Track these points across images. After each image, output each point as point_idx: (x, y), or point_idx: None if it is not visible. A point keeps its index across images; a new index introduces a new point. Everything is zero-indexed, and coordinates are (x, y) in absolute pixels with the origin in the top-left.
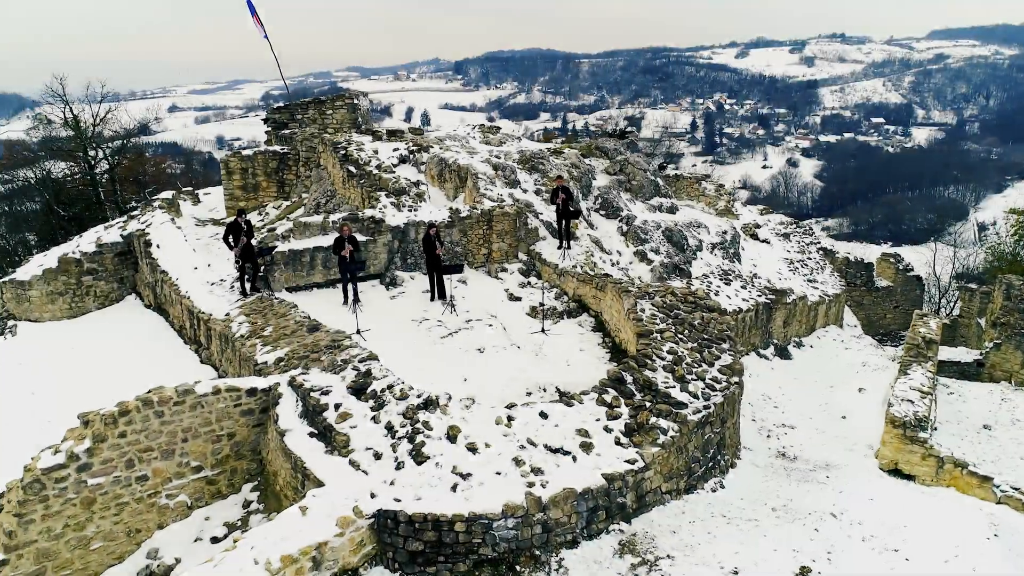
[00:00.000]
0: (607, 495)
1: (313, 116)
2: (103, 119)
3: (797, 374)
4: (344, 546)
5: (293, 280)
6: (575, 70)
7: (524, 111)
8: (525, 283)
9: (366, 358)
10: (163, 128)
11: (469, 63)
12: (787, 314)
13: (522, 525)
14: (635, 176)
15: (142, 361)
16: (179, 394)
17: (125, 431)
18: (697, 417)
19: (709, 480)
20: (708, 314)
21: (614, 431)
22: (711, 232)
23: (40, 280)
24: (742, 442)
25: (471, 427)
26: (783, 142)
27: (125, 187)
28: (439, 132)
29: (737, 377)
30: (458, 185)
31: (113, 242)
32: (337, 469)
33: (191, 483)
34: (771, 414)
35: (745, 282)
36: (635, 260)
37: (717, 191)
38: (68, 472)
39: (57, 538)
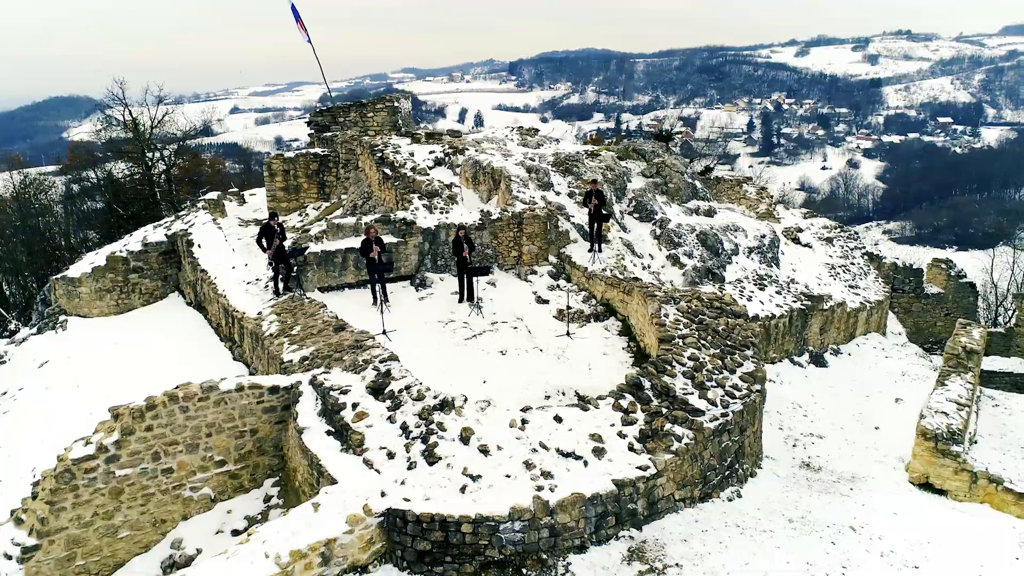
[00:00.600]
0: (617, 501)
1: (354, 119)
2: (160, 121)
3: (832, 382)
4: (353, 543)
5: (325, 280)
6: (630, 70)
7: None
8: (554, 286)
9: (387, 359)
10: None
11: (523, 64)
12: (824, 321)
13: (529, 528)
14: (672, 178)
15: (179, 357)
16: (203, 390)
17: (152, 425)
18: (714, 425)
19: (726, 489)
20: (733, 320)
21: (628, 437)
22: (748, 236)
23: (89, 277)
24: (765, 451)
25: (485, 429)
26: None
27: (181, 187)
28: (477, 134)
29: (759, 385)
30: (491, 187)
31: (158, 241)
32: (351, 467)
33: (214, 477)
34: (800, 423)
35: (780, 287)
36: (668, 264)
37: (758, 194)
38: (97, 463)
39: (86, 526)
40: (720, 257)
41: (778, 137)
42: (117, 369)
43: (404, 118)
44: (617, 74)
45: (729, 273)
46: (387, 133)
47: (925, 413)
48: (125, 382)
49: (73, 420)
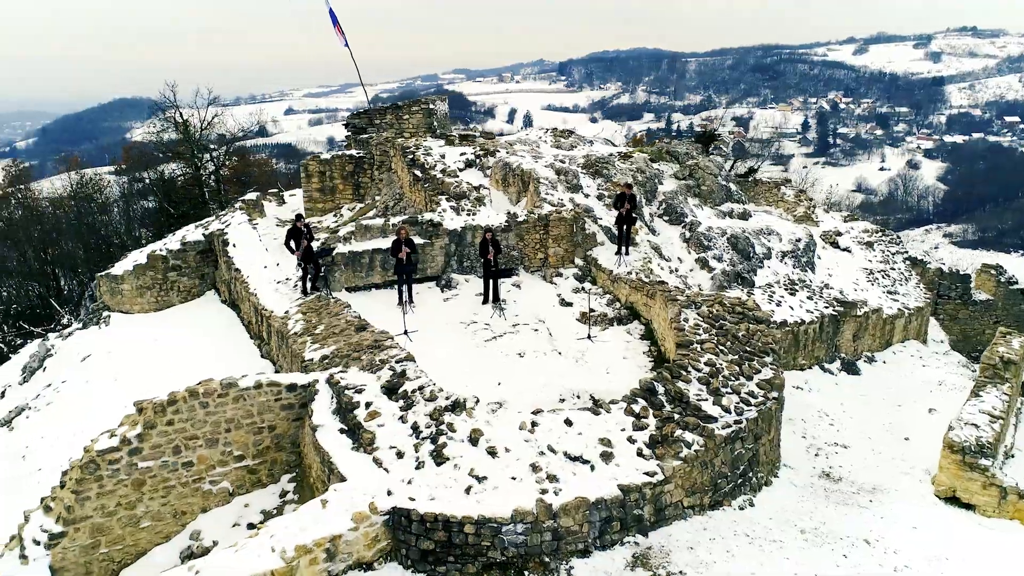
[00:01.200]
0: (622, 506)
1: (390, 121)
2: (209, 123)
3: (864, 391)
4: (358, 540)
5: (353, 280)
6: (681, 69)
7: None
8: (579, 288)
9: (403, 359)
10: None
11: (573, 64)
12: (857, 327)
13: (531, 531)
14: (704, 181)
15: (211, 353)
16: (223, 387)
17: (173, 419)
18: (726, 432)
19: (738, 497)
20: (755, 326)
21: (638, 442)
22: (783, 239)
23: (131, 275)
24: (784, 459)
25: (494, 431)
26: (903, 143)
27: (230, 187)
28: (510, 136)
29: (776, 392)
30: (521, 189)
31: (196, 241)
32: (360, 465)
33: (233, 471)
34: (824, 432)
35: (812, 292)
36: (696, 267)
37: (797, 197)
38: (121, 455)
39: (110, 515)
40: (751, 261)
41: (834, 137)
42: (154, 364)
43: (440, 120)
44: (668, 74)
45: (760, 277)
46: (422, 135)
47: (954, 425)
48: (160, 376)
49: (110, 412)
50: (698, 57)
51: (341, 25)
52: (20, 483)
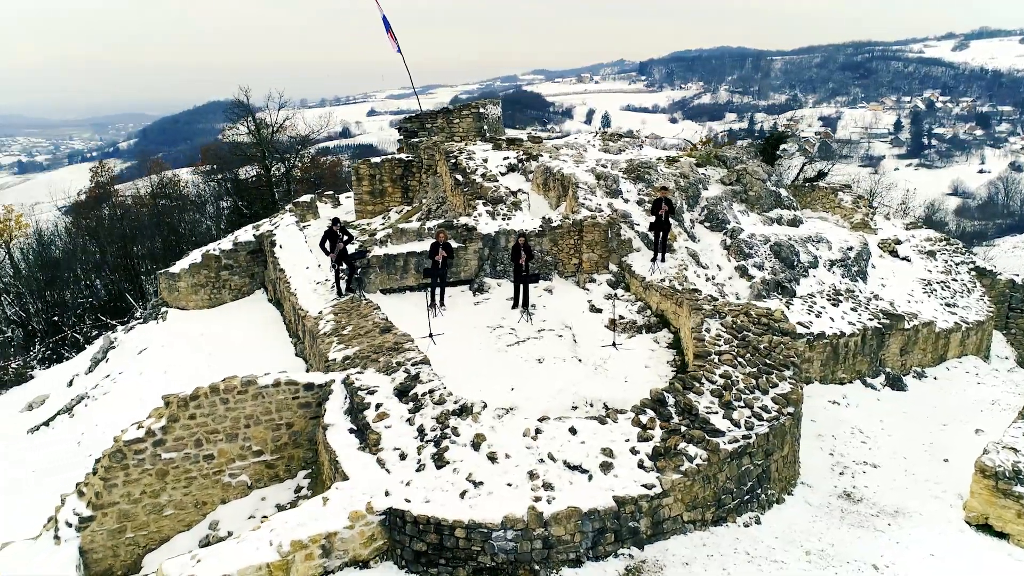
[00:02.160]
0: (617, 518)
1: (441, 125)
2: (280, 126)
3: (907, 408)
4: (354, 538)
5: (387, 283)
6: (766, 68)
7: (708, 112)
8: (611, 295)
9: (419, 362)
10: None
11: (653, 64)
12: (904, 341)
13: (521, 538)
14: (752, 186)
15: (250, 350)
16: (243, 384)
17: (195, 414)
18: (732, 447)
19: (744, 514)
20: (780, 338)
21: (640, 453)
22: (833, 248)
23: (187, 273)
24: (803, 477)
25: (497, 437)
26: (1006, 144)
27: (300, 188)
28: (557, 140)
29: (793, 408)
30: (560, 194)
31: (247, 241)
32: (364, 465)
33: (252, 465)
34: (855, 450)
35: (857, 303)
36: (735, 275)
37: (855, 203)
38: (146, 445)
39: (135, 502)
40: (795, 270)
41: (929, 138)
42: (200, 358)
43: (492, 124)
44: (752, 72)
45: (803, 287)
46: (472, 139)
47: (990, 448)
48: (203, 370)
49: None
50: (784, 55)
51: (394, 31)
52: (75, 468)
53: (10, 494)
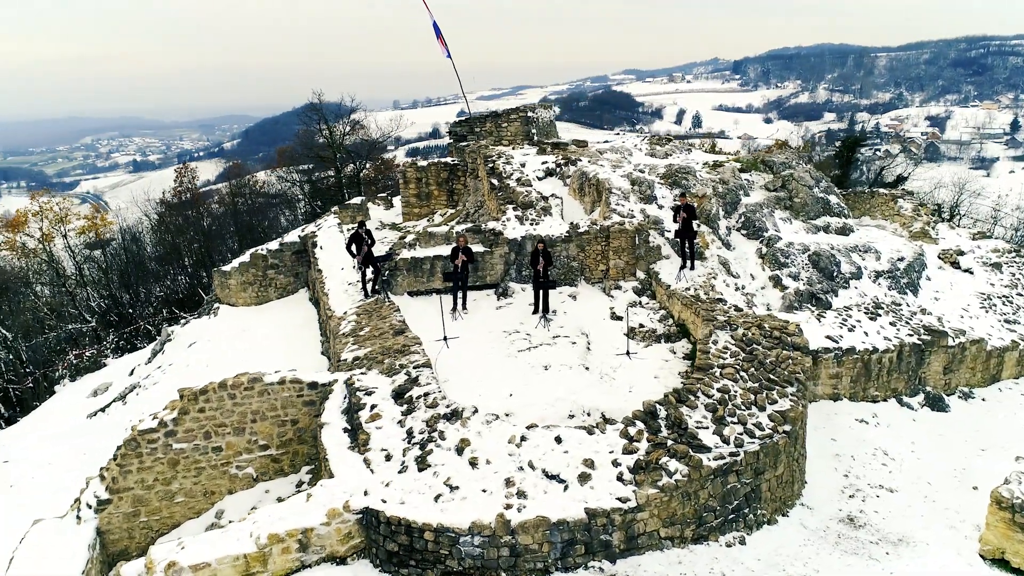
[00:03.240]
0: (588, 530)
1: (490, 129)
2: (352, 128)
3: (945, 430)
4: (331, 535)
5: (414, 285)
6: (869, 65)
7: (805, 111)
8: (635, 302)
9: (421, 365)
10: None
11: (748, 62)
12: (949, 359)
13: (488, 545)
14: (798, 193)
15: (282, 346)
16: (249, 381)
17: (204, 407)
18: (717, 464)
19: (727, 533)
20: (790, 352)
21: (621, 466)
22: (882, 258)
23: (237, 271)
24: (805, 498)
25: (483, 442)
26: None
27: (372, 188)
28: (602, 144)
29: (790, 426)
30: (595, 199)
31: (292, 242)
32: (351, 464)
33: (257, 459)
34: (873, 472)
35: (898, 318)
36: (768, 285)
37: (915, 211)
38: (158, 436)
39: (148, 488)
40: (834, 280)
41: None
42: (240, 353)
43: (542, 127)
44: (855, 70)
45: (841, 299)
46: (519, 143)
47: (1012, 478)
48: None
49: None
50: (889, 52)
51: (444, 37)
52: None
53: (58, 474)
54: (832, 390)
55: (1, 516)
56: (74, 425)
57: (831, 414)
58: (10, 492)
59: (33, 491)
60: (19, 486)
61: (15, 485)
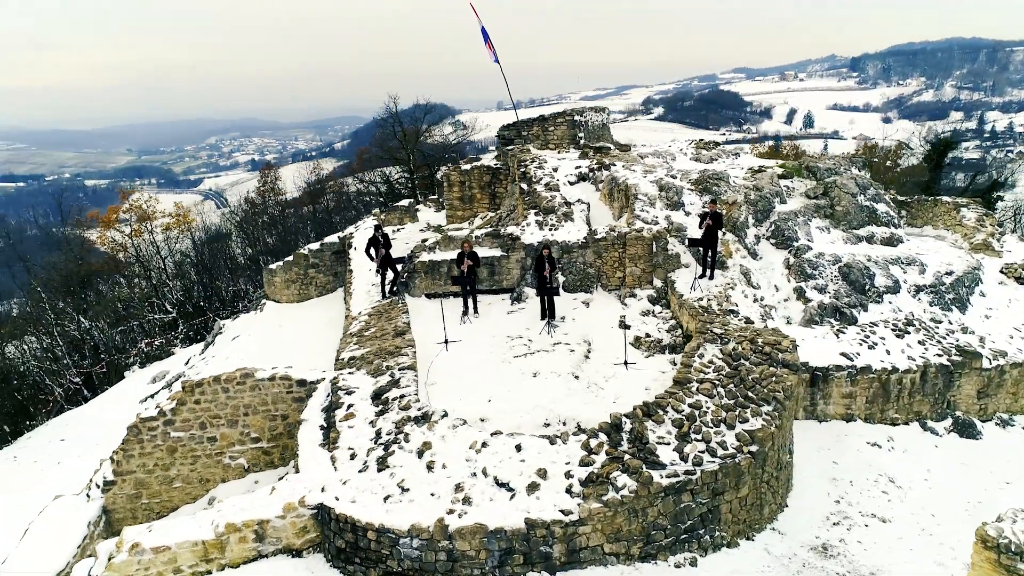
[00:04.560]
0: (527, 540)
1: (536, 132)
2: (426, 130)
3: (970, 459)
4: (286, 528)
5: (431, 287)
6: (1004, 61)
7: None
8: (648, 311)
9: (406, 367)
10: None
11: (867, 59)
12: (983, 383)
13: (426, 548)
14: (840, 200)
15: (307, 343)
16: (241, 376)
17: (200, 399)
18: (669, 482)
19: (678, 554)
20: (777, 370)
21: (573, 478)
22: (927, 271)
23: (281, 269)
24: (778, 523)
25: (445, 446)
26: None
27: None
28: (645, 148)
29: (756, 446)
30: (624, 205)
31: (331, 242)
32: (317, 461)
33: (249, 450)
34: (871, 500)
35: (930, 336)
36: (792, 297)
37: (979, 220)
38: (157, 424)
39: (149, 473)
40: (865, 294)
41: None
42: (271, 348)
43: (593, 131)
44: (987, 66)
45: (870, 313)
46: (565, 147)
47: (1006, 515)
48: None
49: None
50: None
51: (492, 43)
52: None
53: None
54: (845, 410)
55: (39, 490)
56: (129, 409)
57: (840, 435)
58: (55, 468)
59: (74, 469)
60: (65, 463)
61: (62, 462)
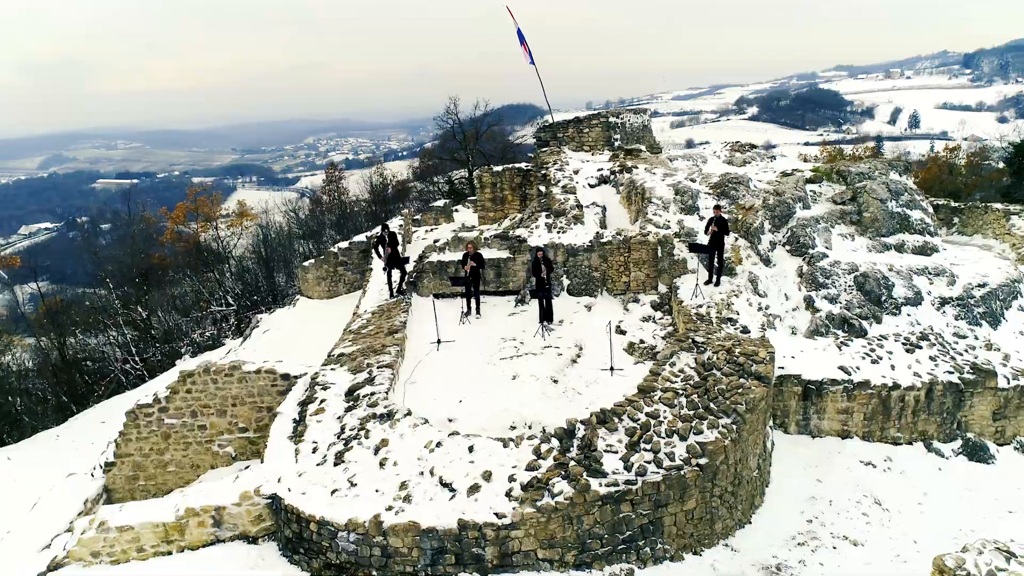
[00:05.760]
0: (459, 541)
1: (572, 135)
2: (485, 132)
3: (976, 484)
4: (242, 515)
5: (439, 288)
6: None
7: None
8: (649, 317)
9: (384, 365)
10: None
11: (983, 55)
12: (999, 403)
13: (362, 543)
14: (868, 206)
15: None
16: (229, 368)
17: (191, 388)
18: (607, 491)
19: (615, 564)
20: (747, 381)
21: (516, 481)
22: (957, 283)
23: (313, 266)
24: (734, 540)
25: (402, 444)
26: None
27: None
28: (676, 151)
29: (707, 459)
30: (640, 208)
31: (360, 241)
32: (282, 453)
33: (237, 440)
34: (848, 522)
35: (943, 351)
36: (801, 307)
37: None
38: (153, 410)
39: (145, 456)
40: (881, 305)
41: None
42: (297, 341)
43: (631, 133)
44: None
45: (884, 326)
46: (600, 149)
47: (971, 546)
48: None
49: None
50: None
51: (528, 44)
52: None
53: None
54: (841, 427)
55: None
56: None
57: (833, 452)
58: (89, 448)
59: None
60: (98, 444)
61: (95, 443)
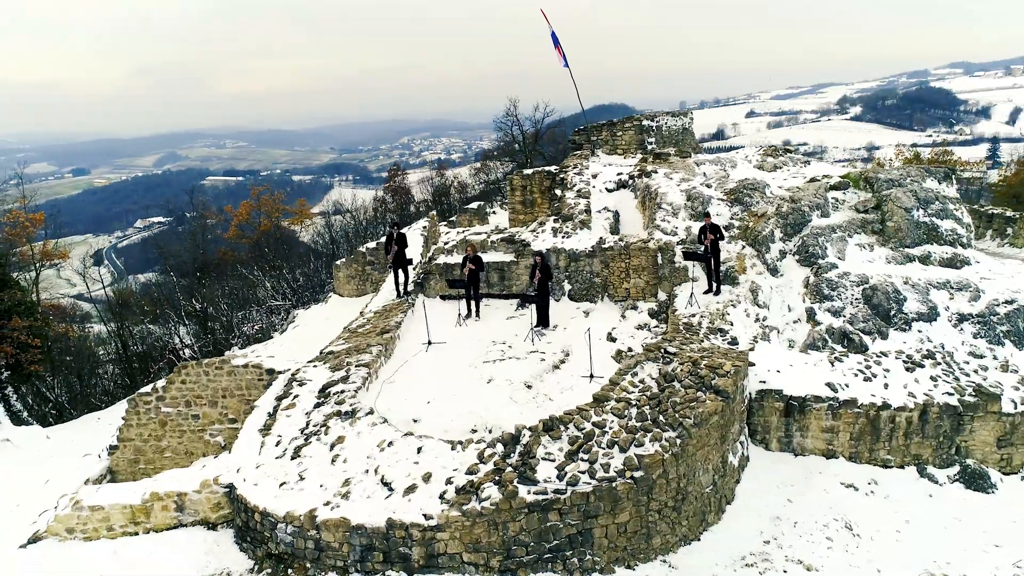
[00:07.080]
0: (386, 539)
1: (605, 138)
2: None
3: (967, 514)
4: (202, 502)
5: (445, 289)
6: None
7: None
8: (644, 325)
9: (361, 364)
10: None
11: None
12: (1003, 430)
13: (298, 535)
14: (892, 215)
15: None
16: (219, 361)
17: (185, 380)
18: (534, 498)
19: (540, 572)
20: (705, 395)
21: (452, 484)
22: (981, 299)
23: (344, 265)
24: (678, 557)
25: (359, 442)
26: None
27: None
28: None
29: (642, 472)
30: (653, 212)
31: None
32: (249, 445)
33: (227, 430)
34: (809, 546)
35: (948, 371)
36: (802, 319)
37: None
38: (151, 399)
39: (144, 442)
40: (889, 320)
41: None
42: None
43: (668, 136)
44: None
45: (889, 342)
46: (632, 152)
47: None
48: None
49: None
50: None
51: (562, 47)
52: None
53: None
54: (826, 446)
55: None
56: None
57: (813, 472)
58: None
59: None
60: None
61: None
